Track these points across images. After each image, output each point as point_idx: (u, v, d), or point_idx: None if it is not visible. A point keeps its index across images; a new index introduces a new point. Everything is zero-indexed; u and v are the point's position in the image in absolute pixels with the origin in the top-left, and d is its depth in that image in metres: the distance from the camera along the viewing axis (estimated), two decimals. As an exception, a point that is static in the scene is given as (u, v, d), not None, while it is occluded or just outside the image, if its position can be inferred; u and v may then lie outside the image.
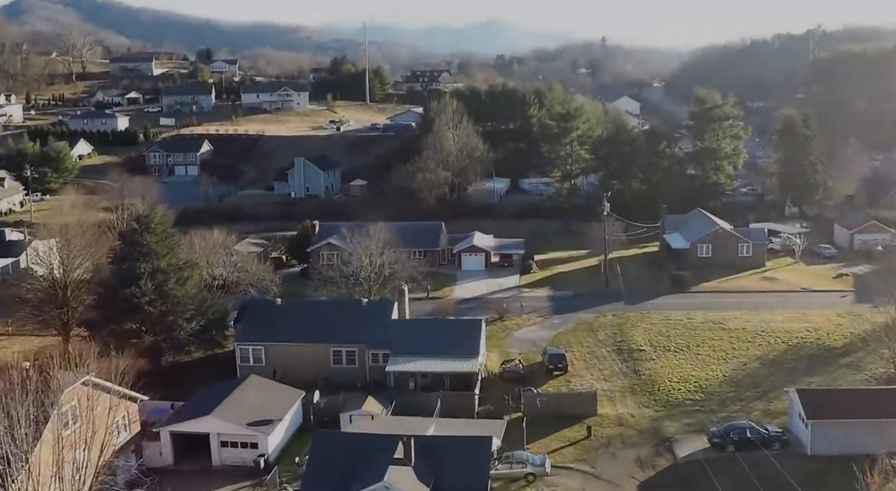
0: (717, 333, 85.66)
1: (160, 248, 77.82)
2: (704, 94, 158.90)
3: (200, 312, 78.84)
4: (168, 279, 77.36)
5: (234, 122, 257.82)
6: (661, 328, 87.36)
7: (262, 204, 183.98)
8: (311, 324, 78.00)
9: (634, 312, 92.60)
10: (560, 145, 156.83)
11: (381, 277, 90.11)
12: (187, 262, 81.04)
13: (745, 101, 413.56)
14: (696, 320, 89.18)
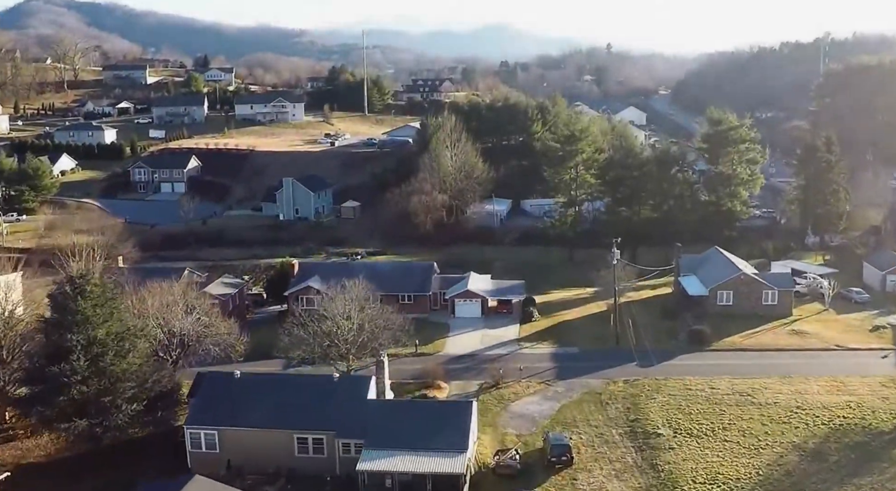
0: (746, 408, 73.37)
1: (97, 315, 65.79)
2: (719, 115, 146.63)
3: (144, 389, 66.83)
4: (106, 352, 65.32)
5: (227, 135, 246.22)
6: (681, 401, 75.10)
7: (247, 227, 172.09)
8: (273, 404, 65.98)
9: (649, 378, 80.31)
10: (564, 169, 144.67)
11: (360, 338, 78.01)
12: (130, 329, 68.84)
13: (753, 111, 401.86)
14: (720, 391, 76.91)
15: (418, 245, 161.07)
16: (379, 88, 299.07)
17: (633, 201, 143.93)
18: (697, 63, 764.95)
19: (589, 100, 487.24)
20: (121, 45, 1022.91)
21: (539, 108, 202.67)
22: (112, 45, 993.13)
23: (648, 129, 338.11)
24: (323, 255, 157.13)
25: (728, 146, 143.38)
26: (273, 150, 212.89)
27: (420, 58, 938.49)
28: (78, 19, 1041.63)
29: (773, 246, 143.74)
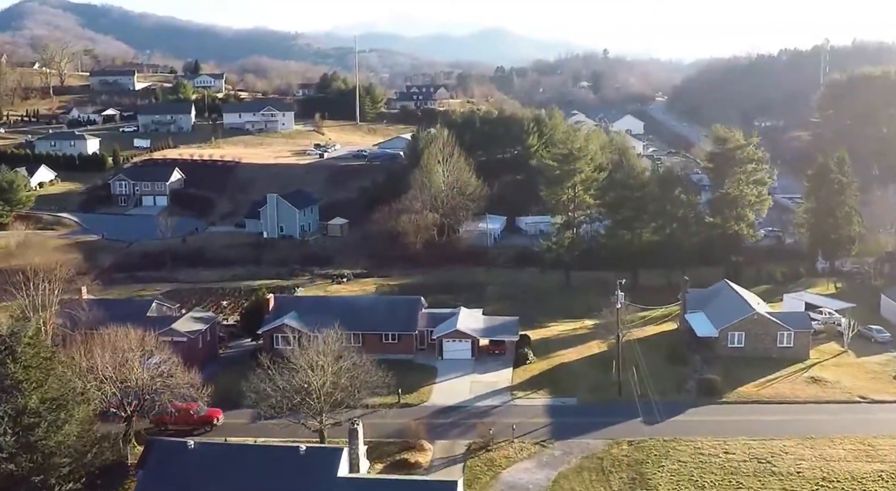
0: (765, 479, 64.73)
1: (29, 379, 57.00)
2: (725, 133, 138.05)
3: (83, 464, 58.07)
4: (38, 423, 56.55)
5: (213, 145, 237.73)
6: (692, 469, 66.44)
7: (229, 245, 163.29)
8: (230, 480, 57.27)
9: (656, 439, 71.62)
10: (562, 189, 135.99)
11: (336, 394, 69.24)
12: (68, 394, 59.96)
13: (751, 120, 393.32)
14: (735, 456, 68.25)
15: (407, 266, 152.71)
16: (371, 97, 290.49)
17: (635, 223, 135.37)
18: (694, 68, 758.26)
19: (585, 106, 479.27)
20: (116, 47, 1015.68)
21: (535, 120, 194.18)
22: (107, 47, 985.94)
23: (646, 139, 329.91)
24: (307, 276, 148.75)
25: (734, 166, 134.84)
26: (259, 163, 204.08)
27: (416, 62, 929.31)
28: (73, 21, 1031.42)
29: (780, 271, 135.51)
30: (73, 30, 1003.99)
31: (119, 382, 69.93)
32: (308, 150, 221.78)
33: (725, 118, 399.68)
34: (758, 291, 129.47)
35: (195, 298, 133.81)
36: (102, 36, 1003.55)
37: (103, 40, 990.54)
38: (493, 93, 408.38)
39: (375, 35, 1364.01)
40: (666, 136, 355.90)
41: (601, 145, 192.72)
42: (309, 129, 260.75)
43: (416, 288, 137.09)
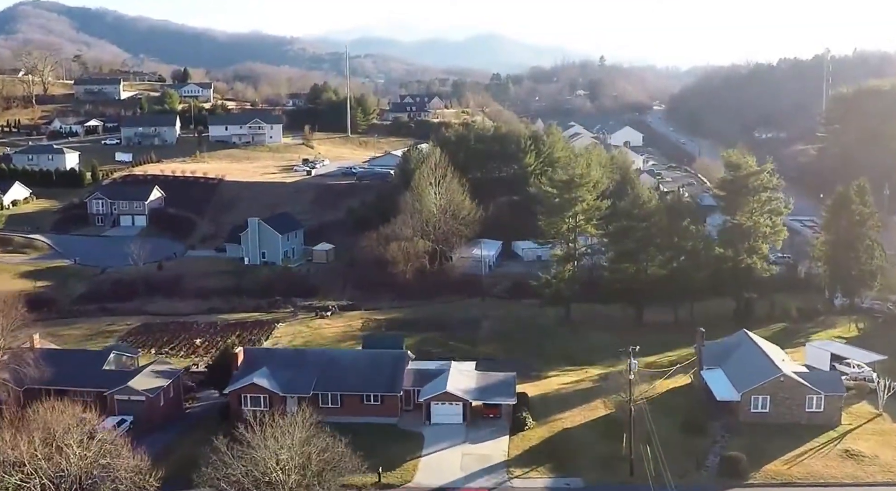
0: None
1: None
2: (737, 159, 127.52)
3: None
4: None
5: (198, 158, 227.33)
6: None
7: (208, 272, 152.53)
8: None
9: (676, 537, 61.43)
10: (562, 219, 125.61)
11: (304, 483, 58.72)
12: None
13: (751, 131, 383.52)
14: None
15: (397, 296, 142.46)
16: (363, 108, 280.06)
17: (640, 255, 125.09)
18: (691, 76, 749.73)
19: (582, 115, 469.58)
20: (110, 51, 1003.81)
21: (532, 137, 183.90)
22: (101, 51, 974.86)
23: (646, 153, 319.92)
24: (290, 308, 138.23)
25: (748, 195, 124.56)
26: (244, 181, 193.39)
27: (411, 67, 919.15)
28: (67, 24, 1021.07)
29: (795, 307, 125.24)
30: (67, 33, 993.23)
31: (51, 474, 59.30)
32: (296, 166, 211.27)
33: (725, 129, 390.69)
34: (773, 331, 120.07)
35: (167, 336, 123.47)
36: (96, 40, 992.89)
37: (97, 44, 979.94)
38: (488, 102, 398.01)
39: (371, 40, 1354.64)
40: (665, 149, 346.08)
41: (602, 163, 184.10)
42: (298, 142, 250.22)
43: (406, 324, 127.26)
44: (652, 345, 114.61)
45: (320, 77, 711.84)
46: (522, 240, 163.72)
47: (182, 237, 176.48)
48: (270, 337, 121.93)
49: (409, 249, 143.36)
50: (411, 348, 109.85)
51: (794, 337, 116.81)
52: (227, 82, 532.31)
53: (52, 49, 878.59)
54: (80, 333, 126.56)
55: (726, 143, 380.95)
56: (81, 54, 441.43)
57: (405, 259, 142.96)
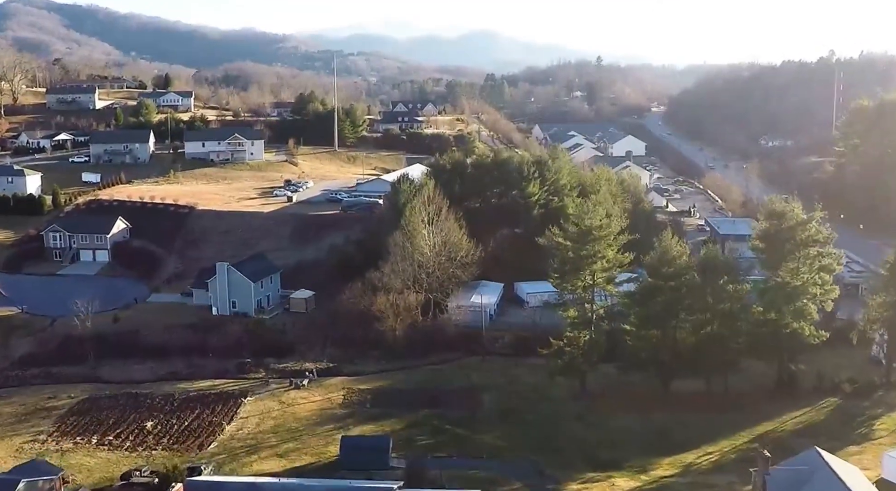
0: None
1: None
2: (781, 207, 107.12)
3: None
4: None
5: (172, 179, 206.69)
6: None
7: (170, 325, 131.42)
8: None
9: None
10: (578, 278, 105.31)
11: None
12: None
13: (757, 138, 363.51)
14: None
15: (385, 356, 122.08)
16: (352, 119, 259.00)
17: (668, 319, 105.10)
18: (688, 75, 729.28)
19: (579, 118, 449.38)
20: (101, 49, 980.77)
21: (536, 163, 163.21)
22: (91, 50, 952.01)
23: (651, 166, 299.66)
24: (261, 373, 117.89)
25: (794, 249, 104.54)
26: (217, 210, 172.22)
27: (404, 66, 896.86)
28: (58, 22, 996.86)
29: (847, 379, 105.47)
30: (58, 31, 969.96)
31: None
32: (276, 190, 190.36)
33: (729, 136, 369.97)
34: (824, 411, 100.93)
35: (114, 415, 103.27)
36: (87, 37, 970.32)
37: (87, 42, 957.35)
38: (483, 108, 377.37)
39: (365, 37, 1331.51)
40: (670, 160, 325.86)
41: (612, 194, 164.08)
42: (281, 159, 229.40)
43: (394, 396, 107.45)
44: (686, 431, 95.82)
45: (312, 77, 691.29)
46: (526, 280, 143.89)
47: (146, 276, 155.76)
48: (235, 419, 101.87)
49: (397, 302, 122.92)
50: (400, 439, 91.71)
51: (850, 421, 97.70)
52: (214, 85, 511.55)
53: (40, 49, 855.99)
54: (13, 410, 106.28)
55: (732, 150, 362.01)
56: (62, 58, 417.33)
57: (394, 314, 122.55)
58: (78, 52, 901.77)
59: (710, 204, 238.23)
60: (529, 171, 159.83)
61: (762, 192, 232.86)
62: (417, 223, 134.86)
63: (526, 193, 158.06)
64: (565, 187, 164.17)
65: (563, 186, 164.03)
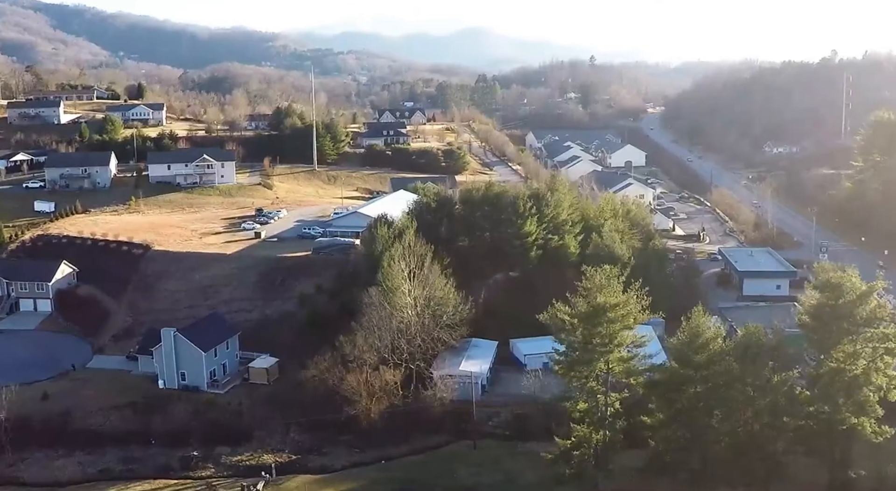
0: None
1: None
2: (836, 278, 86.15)
3: None
4: None
5: (133, 207, 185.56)
6: None
7: (108, 406, 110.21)
8: None
9: None
10: (589, 369, 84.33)
11: None
12: None
13: (760, 144, 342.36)
14: None
15: (359, 443, 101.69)
16: (332, 134, 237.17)
17: (699, 416, 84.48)
18: (682, 73, 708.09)
19: (573, 121, 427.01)
20: (88, 49, 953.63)
21: (533, 197, 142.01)
22: (78, 50, 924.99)
23: (651, 176, 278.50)
24: (210, 468, 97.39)
25: (851, 329, 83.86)
26: (174, 251, 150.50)
27: (395, 64, 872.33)
28: (45, 22, 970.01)
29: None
30: (44, 31, 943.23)
31: None
32: (245, 223, 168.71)
33: (731, 141, 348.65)
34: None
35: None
36: (73, 38, 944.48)
37: (74, 42, 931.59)
38: (474, 116, 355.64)
39: (355, 34, 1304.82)
40: (672, 170, 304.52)
41: (614, 213, 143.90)
42: (255, 181, 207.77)
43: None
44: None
45: (299, 78, 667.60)
46: (524, 336, 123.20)
47: (92, 331, 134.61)
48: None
49: (372, 381, 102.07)
50: None
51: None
52: (196, 89, 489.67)
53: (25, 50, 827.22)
54: None
55: (735, 158, 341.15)
56: (34, 65, 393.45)
57: (368, 394, 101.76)
58: (64, 53, 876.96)
59: (719, 224, 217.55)
60: (525, 207, 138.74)
61: (775, 210, 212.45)
62: (397, 277, 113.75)
63: (522, 232, 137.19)
64: (566, 223, 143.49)
65: (563, 222, 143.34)
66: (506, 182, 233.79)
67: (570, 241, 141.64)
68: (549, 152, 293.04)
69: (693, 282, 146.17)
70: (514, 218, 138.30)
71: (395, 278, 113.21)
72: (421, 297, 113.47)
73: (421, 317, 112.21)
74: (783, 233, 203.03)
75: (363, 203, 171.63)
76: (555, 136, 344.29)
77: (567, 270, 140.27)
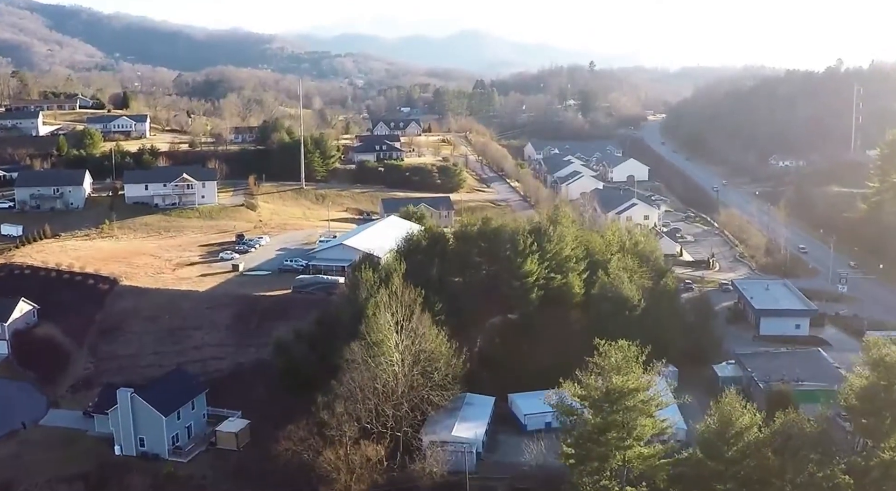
0: None
1: None
2: (889, 355, 72.77)
3: None
4: None
5: (106, 231, 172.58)
6: None
7: (55, 478, 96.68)
8: None
9: None
10: (603, 465, 70.95)
11: None
12: None
13: (766, 157, 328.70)
14: None
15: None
16: (322, 150, 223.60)
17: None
18: (682, 78, 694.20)
19: (573, 129, 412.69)
20: (84, 50, 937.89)
21: (534, 232, 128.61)
22: (74, 51, 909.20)
23: (655, 191, 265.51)
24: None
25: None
26: (143, 287, 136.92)
27: (392, 67, 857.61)
28: (40, 23, 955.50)
29: None
30: (40, 32, 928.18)
31: None
32: (223, 252, 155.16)
33: (735, 153, 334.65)
34: None
35: None
36: (69, 38, 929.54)
37: (70, 43, 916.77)
38: (471, 126, 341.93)
39: (353, 36, 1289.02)
40: (675, 185, 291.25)
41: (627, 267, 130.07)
42: (238, 201, 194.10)
43: None
44: None
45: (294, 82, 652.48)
46: (524, 390, 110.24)
47: (49, 378, 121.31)
48: None
49: (352, 456, 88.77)
50: None
51: None
52: (189, 95, 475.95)
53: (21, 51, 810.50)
54: None
55: (739, 171, 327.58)
56: (19, 71, 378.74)
57: (348, 471, 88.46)
58: (59, 54, 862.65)
59: (728, 248, 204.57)
60: (526, 244, 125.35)
61: (788, 233, 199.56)
62: (382, 329, 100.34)
63: (522, 272, 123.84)
64: (570, 260, 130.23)
65: (566, 259, 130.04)
66: (504, 201, 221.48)
67: (575, 279, 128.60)
68: (548, 167, 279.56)
69: (707, 324, 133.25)
70: (513, 255, 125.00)
71: (380, 330, 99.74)
72: (409, 352, 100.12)
73: (409, 376, 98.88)
74: (797, 259, 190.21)
75: (350, 231, 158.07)
76: (554, 149, 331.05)
77: (571, 312, 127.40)
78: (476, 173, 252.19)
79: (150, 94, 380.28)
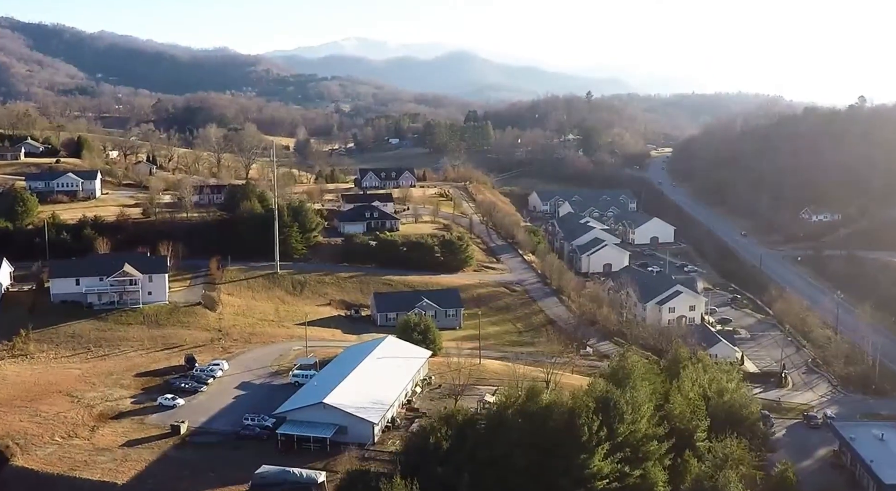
0: None
1: None
2: None
3: None
4: None
5: (18, 348, 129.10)
6: None
7: None
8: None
9: None
10: None
11: None
12: None
13: (797, 210, 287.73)
14: None
15: None
16: (301, 223, 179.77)
17: None
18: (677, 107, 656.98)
19: (577, 169, 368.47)
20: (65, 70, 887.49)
21: (601, 409, 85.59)
22: (53, 73, 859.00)
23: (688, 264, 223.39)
24: None
25: None
26: (41, 473, 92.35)
27: (380, 91, 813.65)
28: (21, 42, 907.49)
29: None
30: (20, 51, 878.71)
31: None
32: (163, 398, 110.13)
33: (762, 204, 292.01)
34: None
35: None
36: (51, 58, 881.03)
37: (51, 63, 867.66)
38: (470, 174, 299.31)
39: (339, 58, 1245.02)
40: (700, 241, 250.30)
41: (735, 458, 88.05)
42: (194, 300, 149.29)
43: None
44: None
45: (278, 108, 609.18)
46: None
47: None
48: None
49: None
50: None
51: None
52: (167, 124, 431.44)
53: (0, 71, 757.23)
54: None
55: (768, 227, 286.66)
56: None
57: None
58: (39, 75, 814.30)
59: (794, 348, 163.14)
60: (590, 430, 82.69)
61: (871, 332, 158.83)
62: None
63: (588, 473, 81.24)
64: (648, 442, 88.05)
65: (643, 440, 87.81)
66: (518, 284, 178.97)
67: (656, 473, 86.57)
68: (564, 232, 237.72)
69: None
70: (573, 447, 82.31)
71: None
72: None
73: None
74: (886, 370, 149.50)
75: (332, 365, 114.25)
76: (561, 199, 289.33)
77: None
78: (482, 240, 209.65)
79: (109, 134, 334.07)
